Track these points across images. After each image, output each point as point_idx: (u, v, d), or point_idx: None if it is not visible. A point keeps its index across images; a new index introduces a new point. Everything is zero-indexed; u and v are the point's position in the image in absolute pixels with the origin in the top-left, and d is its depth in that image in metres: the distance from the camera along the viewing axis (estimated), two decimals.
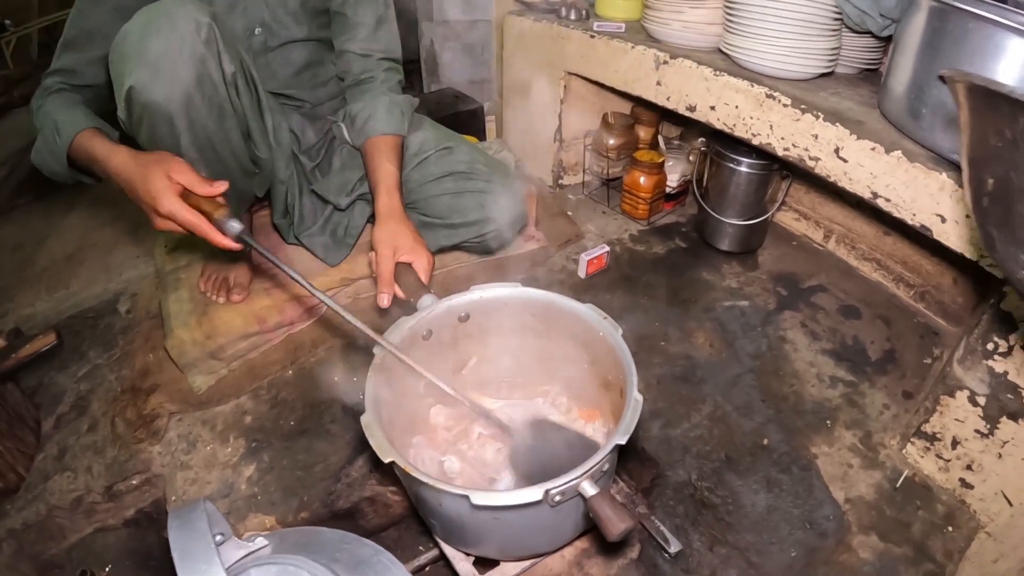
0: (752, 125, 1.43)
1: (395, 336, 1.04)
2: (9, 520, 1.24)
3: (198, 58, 1.15)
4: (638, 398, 0.88)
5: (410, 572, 1.07)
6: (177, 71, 1.13)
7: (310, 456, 1.28)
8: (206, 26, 1.16)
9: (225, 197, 1.12)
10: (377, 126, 1.39)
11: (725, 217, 1.72)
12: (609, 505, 0.78)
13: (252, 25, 1.38)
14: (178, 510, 0.66)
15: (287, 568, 0.71)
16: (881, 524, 1.18)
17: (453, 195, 1.49)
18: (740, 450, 1.29)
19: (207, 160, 1.26)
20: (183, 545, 0.61)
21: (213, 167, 1.28)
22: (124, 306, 1.72)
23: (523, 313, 1.13)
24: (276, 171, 1.47)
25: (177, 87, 1.14)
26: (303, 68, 1.48)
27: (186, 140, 1.20)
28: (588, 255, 1.68)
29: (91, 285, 1.81)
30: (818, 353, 1.49)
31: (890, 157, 1.18)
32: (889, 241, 1.65)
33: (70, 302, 1.77)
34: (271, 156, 1.42)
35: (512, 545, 1.00)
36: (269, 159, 1.42)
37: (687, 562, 1.10)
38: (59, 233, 2.08)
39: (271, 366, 1.45)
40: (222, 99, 1.23)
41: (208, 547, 0.61)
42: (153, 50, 1.11)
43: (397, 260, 1.19)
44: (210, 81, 1.19)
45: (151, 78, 1.12)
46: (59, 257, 1.97)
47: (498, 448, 1.10)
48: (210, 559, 0.60)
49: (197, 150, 1.23)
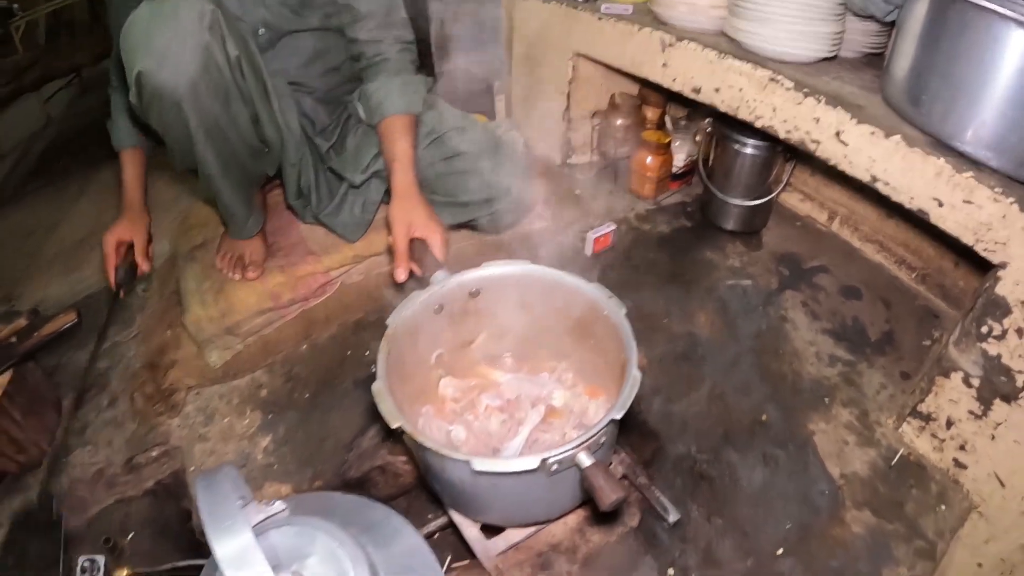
0: (755, 108, 1.45)
1: (408, 310, 1.08)
2: (32, 493, 1.29)
3: (202, 47, 1.18)
4: (636, 375, 0.92)
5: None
6: (183, 60, 1.17)
7: (323, 428, 1.32)
8: (209, 12, 1.19)
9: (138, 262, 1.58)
10: (392, 106, 1.41)
11: (730, 197, 1.74)
12: (603, 476, 0.82)
13: (256, 26, 1.41)
14: (205, 474, 0.69)
15: (304, 529, 0.75)
16: (875, 501, 1.21)
17: (463, 174, 1.53)
18: (738, 426, 1.32)
19: (215, 141, 1.30)
20: (211, 505, 0.65)
21: (221, 147, 1.31)
22: (141, 284, 1.76)
23: (532, 290, 1.17)
24: (286, 153, 1.50)
25: (183, 75, 1.17)
26: (312, 58, 1.50)
27: (194, 123, 1.24)
28: (595, 233, 1.71)
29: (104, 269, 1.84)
30: (818, 333, 1.52)
31: (889, 142, 1.20)
32: (891, 224, 1.67)
33: (83, 284, 1.82)
34: (279, 137, 1.45)
35: (513, 512, 1.05)
36: (277, 139, 1.45)
37: (684, 532, 1.14)
38: (70, 218, 2.12)
39: (285, 342, 1.50)
40: (228, 83, 1.26)
41: (234, 507, 0.64)
42: (159, 40, 1.15)
43: (412, 236, 1.23)
44: (215, 67, 1.22)
45: (158, 67, 1.16)
46: (71, 243, 2.02)
47: (503, 420, 1.14)
48: (236, 517, 0.63)
49: (205, 133, 1.27)
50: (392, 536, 0.85)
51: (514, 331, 1.24)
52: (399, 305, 1.08)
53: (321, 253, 1.59)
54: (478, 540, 1.08)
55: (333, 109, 1.60)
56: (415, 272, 1.22)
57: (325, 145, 1.57)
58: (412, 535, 0.86)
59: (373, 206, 1.61)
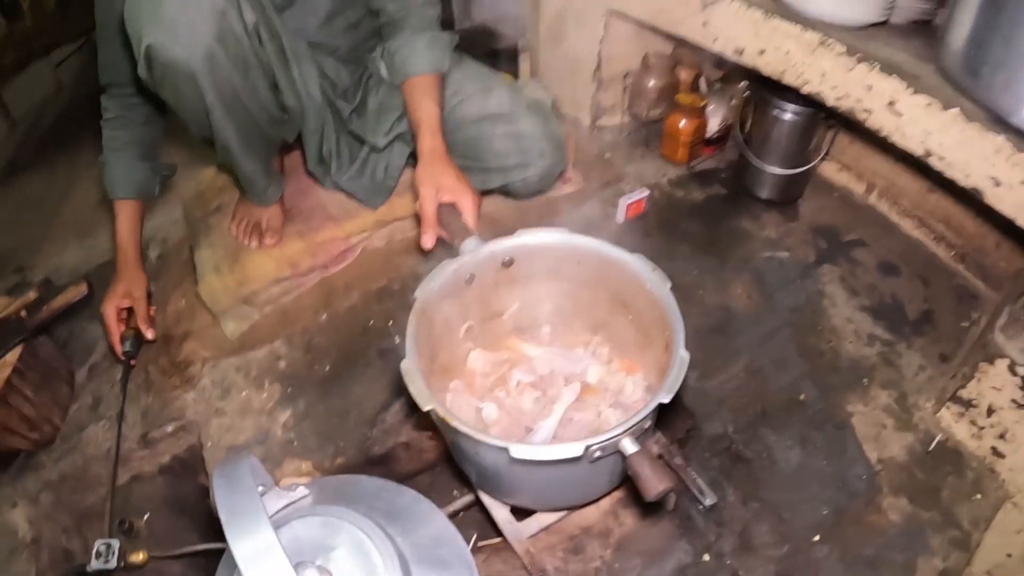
0: (803, 72, 1.37)
1: (437, 280, 1.02)
2: (46, 472, 1.26)
3: (218, 11, 1.10)
4: (684, 356, 0.87)
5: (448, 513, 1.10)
6: (196, 28, 1.09)
7: (345, 402, 1.28)
8: None
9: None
10: (417, 64, 1.34)
11: (767, 165, 1.67)
12: (649, 465, 0.78)
13: None
14: (222, 466, 0.65)
15: (329, 520, 0.71)
16: (911, 487, 1.17)
17: (490, 138, 1.45)
18: (775, 404, 1.28)
19: (233, 113, 1.23)
20: (229, 500, 0.60)
21: (240, 118, 1.25)
22: (154, 252, 1.71)
23: (568, 260, 1.11)
24: (306, 120, 1.43)
25: (198, 45, 1.09)
26: (331, 15, 1.42)
27: (211, 97, 1.17)
28: (627, 199, 1.65)
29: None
30: (856, 309, 1.46)
31: (946, 115, 1.12)
32: (932, 199, 1.60)
33: (98, 250, 1.77)
34: (300, 104, 1.38)
35: (547, 496, 1.02)
36: (298, 106, 1.38)
37: (720, 515, 1.12)
38: (84, 184, 2.07)
39: (304, 311, 1.45)
40: (246, 51, 1.19)
41: (253, 501, 0.60)
42: (169, 8, 1.07)
43: (440, 201, 1.17)
44: (232, 35, 1.14)
45: (169, 38, 1.07)
46: (85, 208, 1.96)
47: (536, 397, 1.10)
48: (256, 514, 0.59)
49: (223, 106, 1.20)
50: (420, 523, 0.81)
51: (548, 303, 1.19)
52: (428, 276, 1.03)
53: (342, 218, 1.53)
54: (508, 522, 1.05)
55: (355, 69, 1.52)
56: (443, 239, 1.16)
57: (347, 108, 1.50)
58: (441, 522, 0.82)
59: (396, 171, 1.54)
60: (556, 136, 1.48)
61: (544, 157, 1.46)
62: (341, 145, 1.52)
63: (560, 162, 1.53)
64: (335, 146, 1.50)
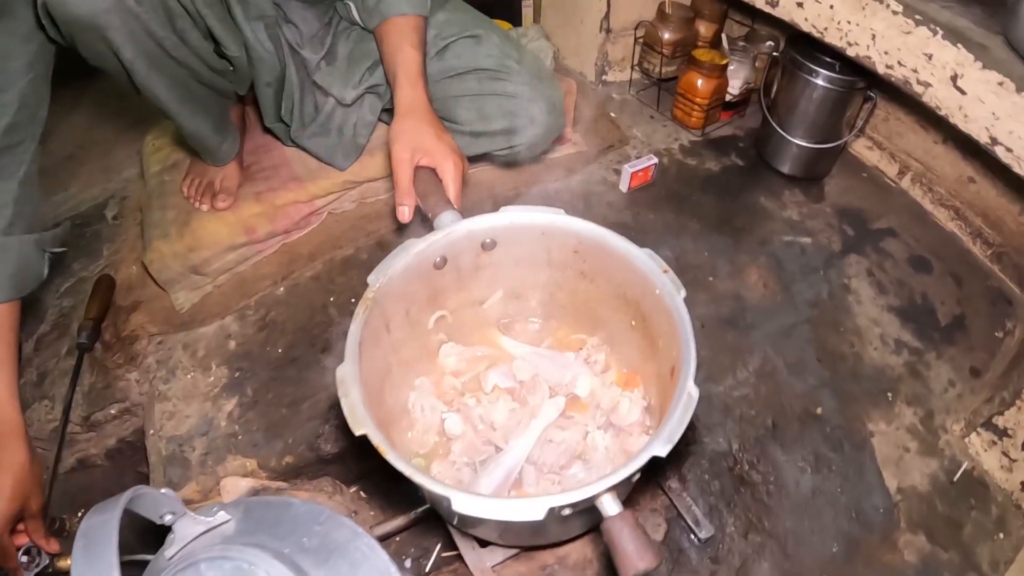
0: (849, 32, 1.18)
1: (398, 264, 0.85)
2: None
3: None
4: (693, 393, 0.70)
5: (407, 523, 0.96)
6: None
7: (298, 389, 1.13)
8: None
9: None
10: (395, 4, 1.14)
11: (792, 136, 1.49)
12: (630, 535, 0.62)
13: None
14: (88, 525, 0.53)
15: (241, 566, 0.60)
16: (931, 521, 1.06)
17: (476, 97, 1.25)
18: (788, 416, 1.14)
19: (160, 68, 1.05)
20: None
21: (170, 74, 1.07)
22: (112, 211, 1.54)
23: (563, 247, 0.94)
24: (257, 72, 1.23)
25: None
26: None
27: (128, 53, 0.99)
28: (632, 167, 1.47)
29: (90, 187, 1.63)
30: (883, 310, 1.31)
31: (1020, 98, 0.95)
32: (972, 189, 1.43)
33: (67, 205, 1.60)
34: (244, 53, 1.18)
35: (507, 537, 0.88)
36: (242, 55, 1.18)
37: (717, 549, 0.99)
38: (61, 131, 1.88)
39: (261, 280, 1.28)
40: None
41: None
42: None
43: (417, 165, 0.99)
44: None
45: None
46: (60, 157, 1.77)
47: (512, 408, 0.94)
48: None
49: (145, 62, 1.02)
50: (357, 566, 0.67)
51: (537, 293, 1.03)
52: (385, 258, 0.86)
53: (306, 179, 1.35)
54: (470, 548, 0.92)
55: (322, 11, 1.31)
56: (421, 209, 0.99)
57: (315, 58, 1.29)
58: (381, 563, 0.68)
59: (367, 127, 1.35)
60: (551, 98, 1.28)
61: (535, 124, 1.26)
62: (305, 99, 1.32)
63: (554, 129, 1.32)
64: (298, 100, 1.30)
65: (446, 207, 0.93)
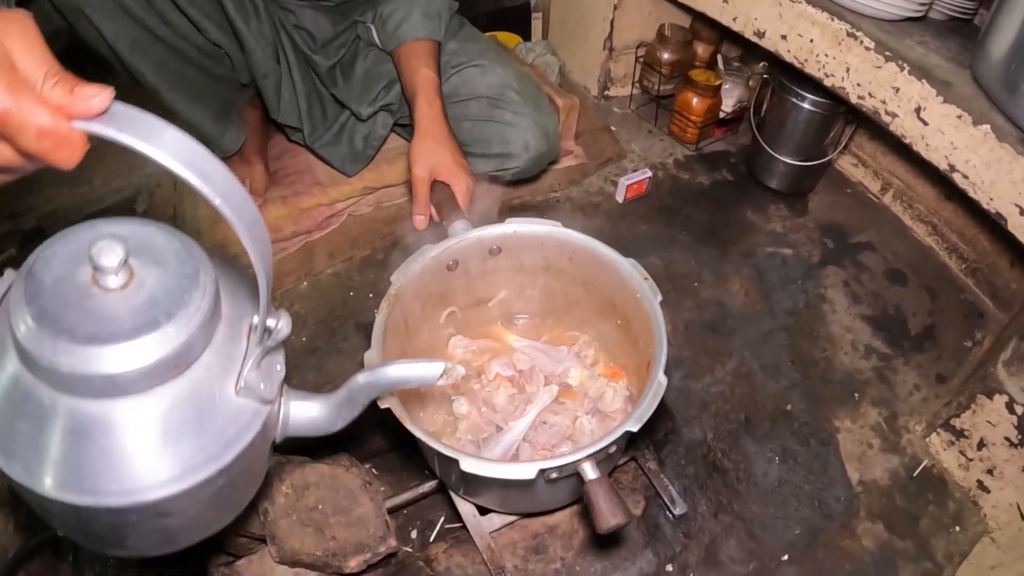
0: (826, 64, 1.29)
1: (416, 266, 0.98)
2: None
3: None
4: (662, 381, 0.82)
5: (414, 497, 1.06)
6: None
7: (320, 376, 1.25)
8: None
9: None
10: (412, 30, 1.24)
11: (779, 154, 1.59)
12: (605, 496, 0.74)
13: None
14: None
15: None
16: (890, 513, 1.15)
17: (476, 122, 1.34)
18: (760, 413, 1.25)
19: (144, 49, 1.12)
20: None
21: (156, 55, 1.14)
22: (142, 205, 1.63)
23: (559, 255, 1.06)
24: (252, 61, 1.28)
25: None
26: None
27: (110, 31, 1.06)
28: (628, 179, 1.58)
29: (114, 179, 1.70)
30: (856, 318, 1.41)
31: (976, 130, 1.06)
32: (950, 207, 1.53)
33: (92, 197, 1.68)
34: (230, 40, 1.24)
35: (505, 503, 0.99)
36: (228, 42, 1.23)
37: (689, 526, 1.09)
38: None
39: (285, 277, 1.39)
40: None
41: None
42: None
43: (434, 180, 1.12)
44: None
45: None
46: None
47: (512, 394, 1.06)
48: None
49: (128, 40, 1.09)
50: None
51: (536, 295, 1.15)
52: (406, 261, 0.98)
53: (328, 184, 1.46)
54: (471, 514, 1.02)
55: (339, 21, 1.39)
56: (434, 218, 1.11)
57: (325, 64, 1.37)
58: None
59: (377, 140, 1.45)
60: (545, 127, 1.36)
61: (529, 150, 1.35)
62: (313, 104, 1.40)
63: (547, 156, 1.41)
64: (305, 105, 1.38)
65: (459, 217, 1.05)
